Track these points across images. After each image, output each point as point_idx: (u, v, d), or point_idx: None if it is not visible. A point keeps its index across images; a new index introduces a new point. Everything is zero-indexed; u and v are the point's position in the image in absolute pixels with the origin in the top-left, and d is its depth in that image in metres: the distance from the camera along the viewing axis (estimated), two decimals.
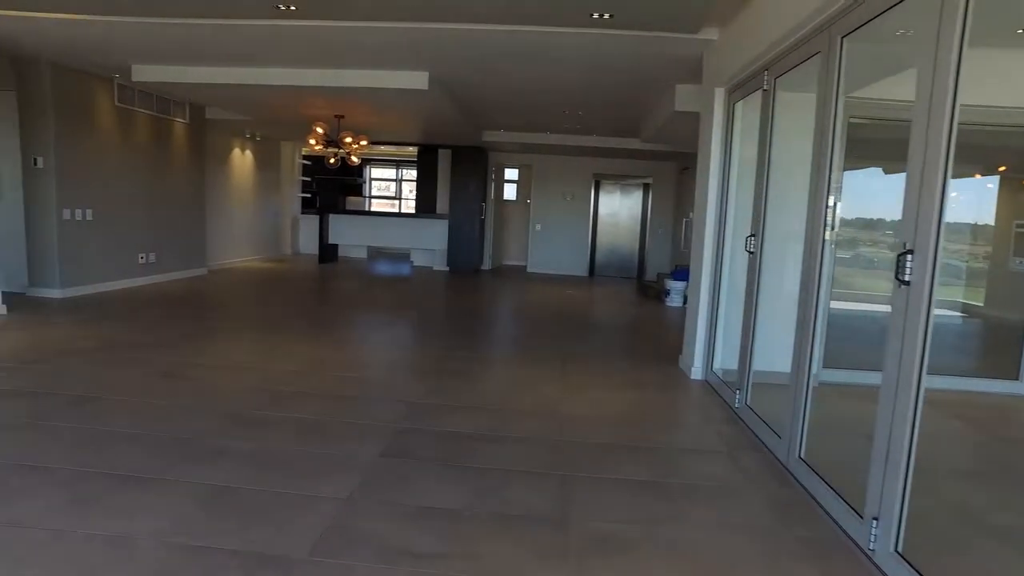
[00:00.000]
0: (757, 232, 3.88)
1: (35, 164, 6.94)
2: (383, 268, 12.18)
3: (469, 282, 10.57)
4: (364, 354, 5.57)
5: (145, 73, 6.83)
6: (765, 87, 3.83)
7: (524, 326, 7.32)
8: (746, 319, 3.98)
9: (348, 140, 8.08)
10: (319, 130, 8.05)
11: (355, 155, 8.83)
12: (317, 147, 8.44)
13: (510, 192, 14.16)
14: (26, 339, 5.15)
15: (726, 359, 4.56)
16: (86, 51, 6.15)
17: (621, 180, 12.63)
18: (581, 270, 12.72)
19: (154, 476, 2.78)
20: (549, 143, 10.59)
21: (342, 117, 8.53)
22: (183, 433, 3.29)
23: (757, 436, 3.65)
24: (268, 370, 4.59)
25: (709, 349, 4.80)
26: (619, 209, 12.81)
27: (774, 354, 3.65)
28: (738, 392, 4.01)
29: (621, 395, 4.46)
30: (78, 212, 7.17)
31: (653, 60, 5.39)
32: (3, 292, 6.05)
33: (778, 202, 3.81)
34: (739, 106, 4.50)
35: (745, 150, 4.46)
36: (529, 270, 12.68)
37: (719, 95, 4.74)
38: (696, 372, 4.87)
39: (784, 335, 3.32)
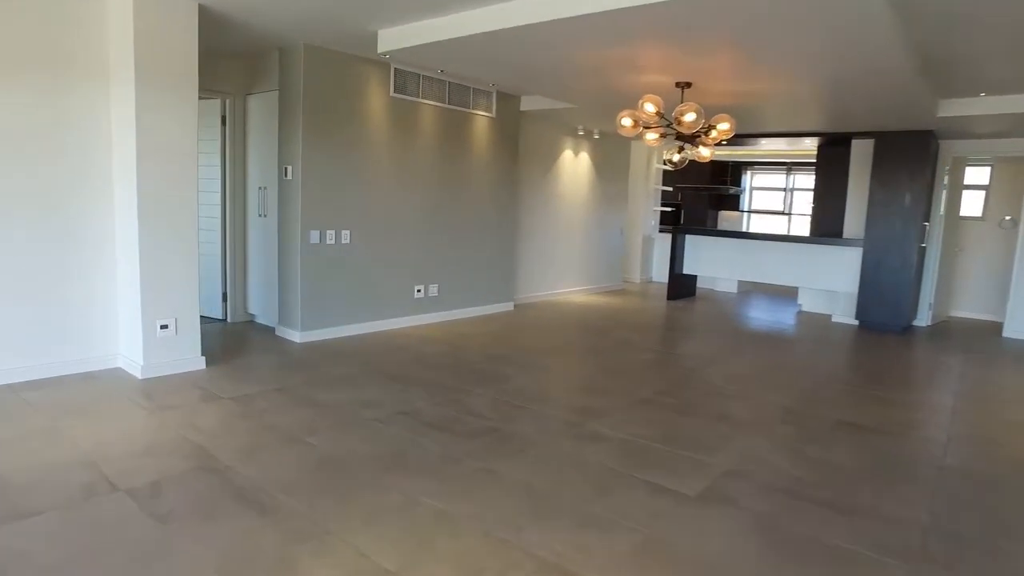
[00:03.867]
0: None
1: (285, 175, 5.54)
2: (755, 313, 8.53)
3: (903, 354, 6.31)
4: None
5: (391, 39, 4.79)
6: None
7: None
8: None
9: (688, 118, 4.83)
10: (649, 108, 5.04)
11: (707, 146, 5.58)
12: (647, 134, 5.45)
13: (973, 204, 8.91)
14: (179, 438, 3.39)
15: None
16: (325, 16, 4.33)
17: None
18: None
19: None
20: None
21: (687, 86, 5.37)
22: None
23: None
24: None
25: None
26: None
27: None
28: None
29: None
30: (330, 234, 5.58)
31: None
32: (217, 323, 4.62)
33: None
34: None
35: None
36: (1010, 334, 7.47)
37: None
38: None
39: None
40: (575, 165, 8.82)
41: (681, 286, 9.35)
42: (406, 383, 4.50)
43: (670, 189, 11.68)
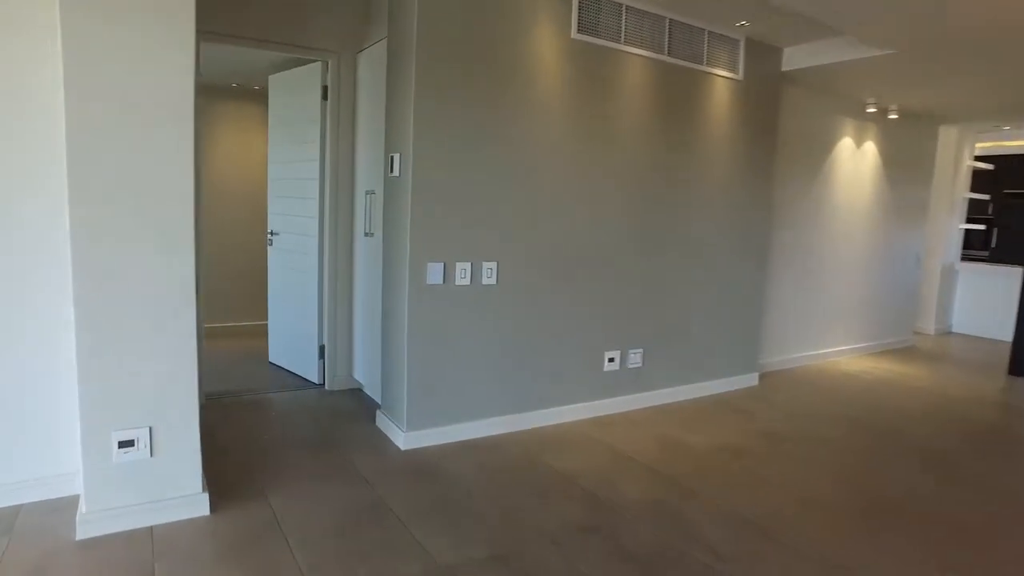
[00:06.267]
0: None
1: (390, 170, 3.39)
2: None
3: None
4: None
5: None
6: None
7: None
8: None
9: None
10: None
11: None
12: None
13: None
14: None
15: None
16: None
17: None
18: None
19: None
20: None
21: None
22: None
23: None
24: None
25: None
26: None
27: None
28: None
29: None
30: (461, 269, 3.32)
31: None
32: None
33: None
34: None
35: None
36: None
37: None
38: None
39: None
40: (856, 160, 5.77)
41: None
42: None
43: (986, 197, 7.97)
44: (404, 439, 3.28)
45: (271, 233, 4.62)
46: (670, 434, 3.69)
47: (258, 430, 3.48)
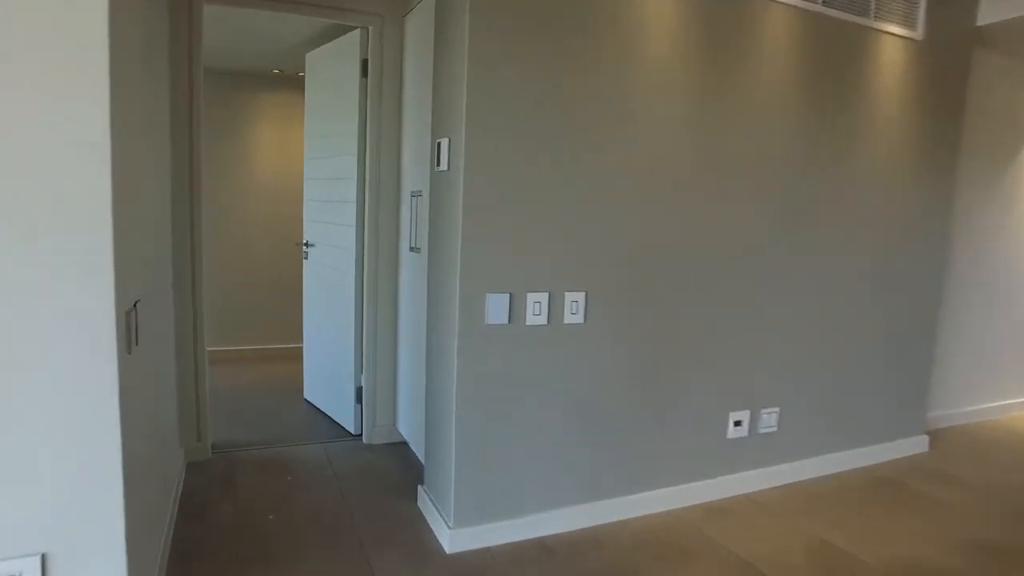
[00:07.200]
0: None
1: (436, 163, 2.47)
2: None
3: None
4: None
5: None
6: None
7: None
8: None
9: None
10: None
11: None
12: None
13: None
14: None
15: None
16: None
17: None
18: None
19: None
20: None
21: None
22: None
23: None
24: None
25: None
26: None
27: None
28: None
29: None
30: (534, 302, 2.37)
31: None
32: None
33: None
34: None
35: None
36: None
37: None
38: None
39: None
40: None
41: None
42: None
43: None
44: (450, 538, 2.35)
45: (305, 244, 3.83)
46: (819, 534, 2.60)
47: (264, 505, 2.64)
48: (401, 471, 3.03)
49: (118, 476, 1.53)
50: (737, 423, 2.89)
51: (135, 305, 1.71)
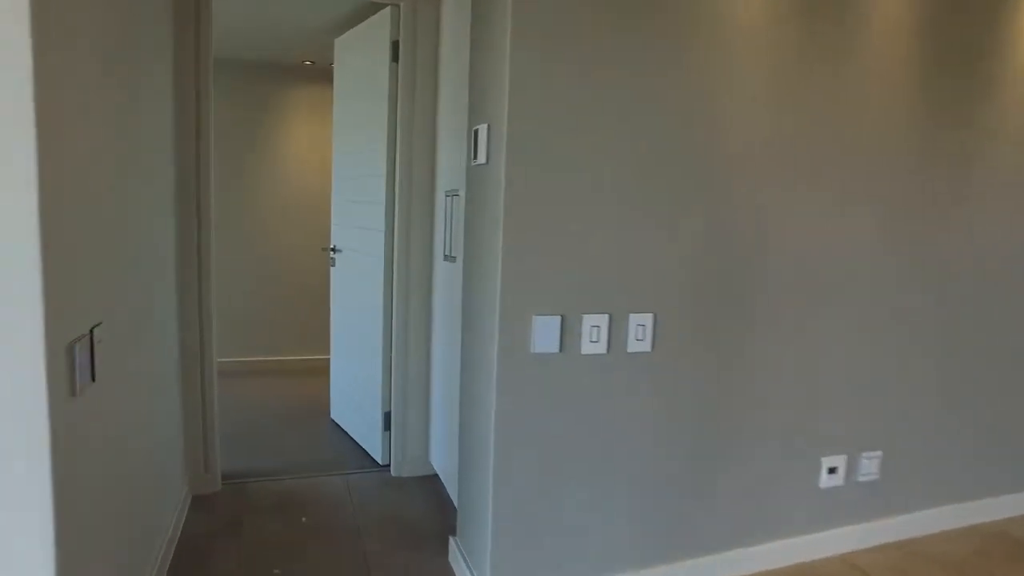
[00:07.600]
0: None
1: (473, 156, 2.06)
2: None
3: None
4: None
5: None
6: None
7: None
8: None
9: None
10: None
11: None
12: None
13: None
14: None
15: None
16: None
17: None
18: None
19: None
20: None
21: None
22: None
23: None
24: None
25: None
26: None
27: None
28: None
29: None
30: (591, 326, 1.93)
31: None
32: None
33: None
34: None
35: None
36: None
37: None
38: None
39: None
40: None
41: None
42: None
43: None
44: None
45: (332, 250, 3.48)
46: None
47: (271, 556, 2.27)
48: (431, 515, 2.63)
49: (48, 556, 1.16)
50: (832, 470, 2.39)
51: (91, 331, 1.34)
